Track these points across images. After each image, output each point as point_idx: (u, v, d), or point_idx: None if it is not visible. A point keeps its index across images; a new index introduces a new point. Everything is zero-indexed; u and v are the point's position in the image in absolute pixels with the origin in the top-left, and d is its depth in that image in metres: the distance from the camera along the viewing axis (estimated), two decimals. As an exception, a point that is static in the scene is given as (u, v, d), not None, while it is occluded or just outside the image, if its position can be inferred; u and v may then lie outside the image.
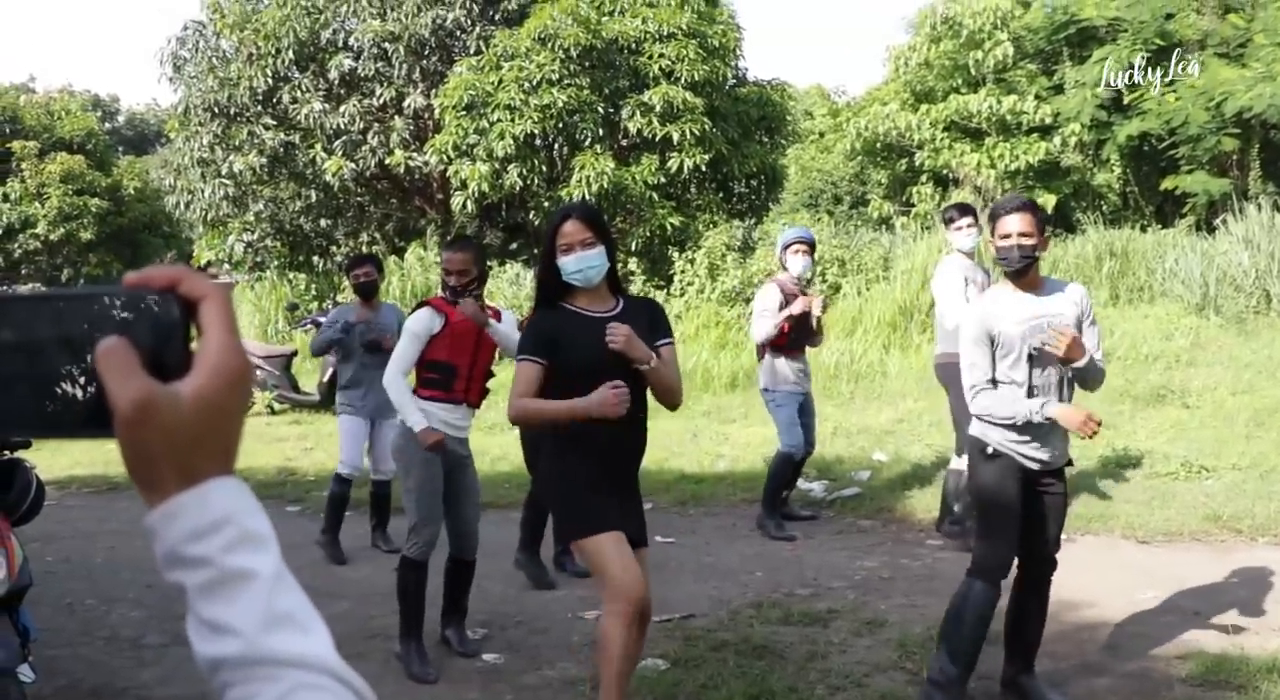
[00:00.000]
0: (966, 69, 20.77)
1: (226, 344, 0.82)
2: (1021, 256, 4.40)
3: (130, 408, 0.77)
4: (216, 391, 0.81)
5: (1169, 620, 5.57)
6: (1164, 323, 13.65)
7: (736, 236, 16.89)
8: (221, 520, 0.80)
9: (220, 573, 0.79)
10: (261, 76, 18.78)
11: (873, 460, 9.51)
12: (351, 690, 0.81)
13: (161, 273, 0.84)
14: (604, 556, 4.01)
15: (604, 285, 4.19)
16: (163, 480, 0.80)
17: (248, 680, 0.79)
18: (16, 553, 4.05)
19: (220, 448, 0.82)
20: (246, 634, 0.79)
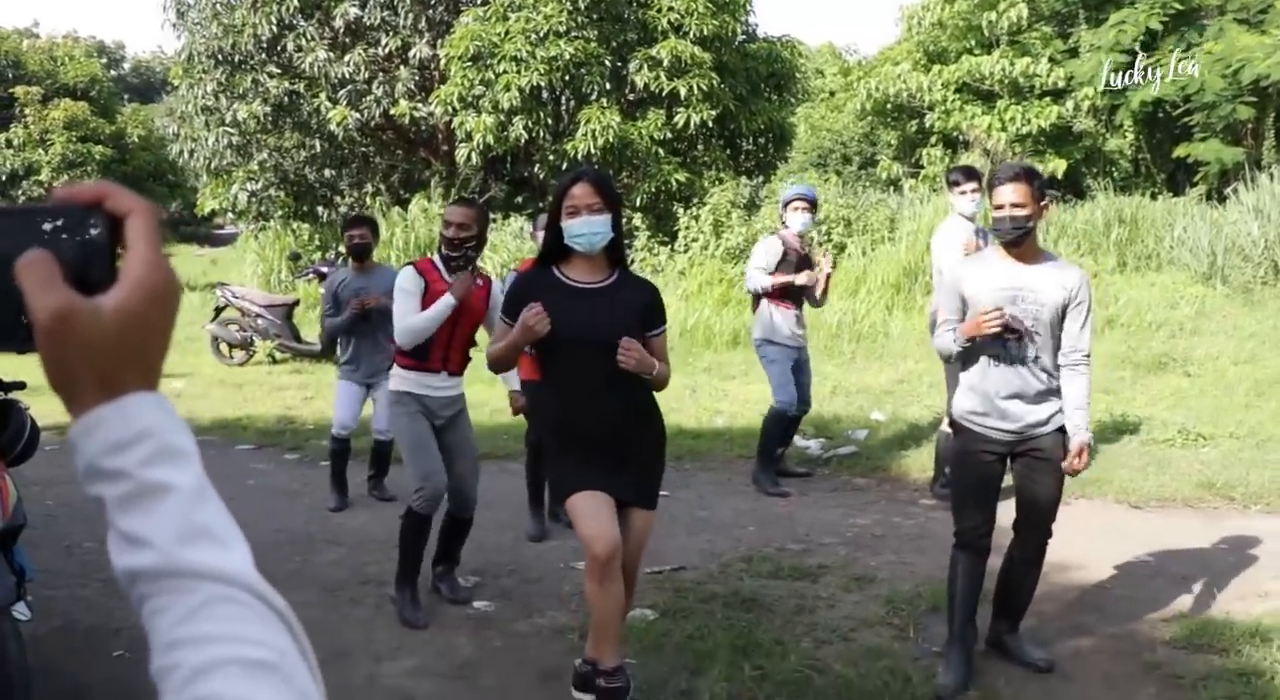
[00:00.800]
0: (980, 30, 20.60)
1: (151, 259, 0.82)
2: (1014, 227, 4.33)
3: (49, 319, 0.78)
4: (139, 305, 0.81)
5: (1157, 584, 5.58)
6: (1170, 291, 13.62)
7: (743, 194, 16.83)
8: (141, 433, 0.80)
9: (138, 485, 0.79)
10: (266, 24, 18.67)
11: (870, 419, 9.51)
12: (267, 604, 0.80)
13: (88, 188, 0.84)
14: (577, 514, 4.07)
15: (603, 255, 4.15)
16: (83, 393, 0.80)
17: (162, 592, 0.78)
18: (10, 493, 4.07)
19: (143, 362, 0.82)
20: (161, 546, 0.78)
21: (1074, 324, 4.40)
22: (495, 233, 16.59)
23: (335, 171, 21.08)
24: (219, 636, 0.77)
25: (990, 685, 4.43)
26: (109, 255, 0.82)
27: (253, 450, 9.20)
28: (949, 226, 7.13)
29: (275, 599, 0.81)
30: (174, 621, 0.78)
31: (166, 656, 0.77)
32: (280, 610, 0.81)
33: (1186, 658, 4.65)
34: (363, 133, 19.64)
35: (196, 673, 0.75)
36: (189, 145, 20.36)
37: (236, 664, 0.76)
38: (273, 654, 0.77)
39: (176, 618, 0.78)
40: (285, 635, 0.80)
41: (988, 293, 4.37)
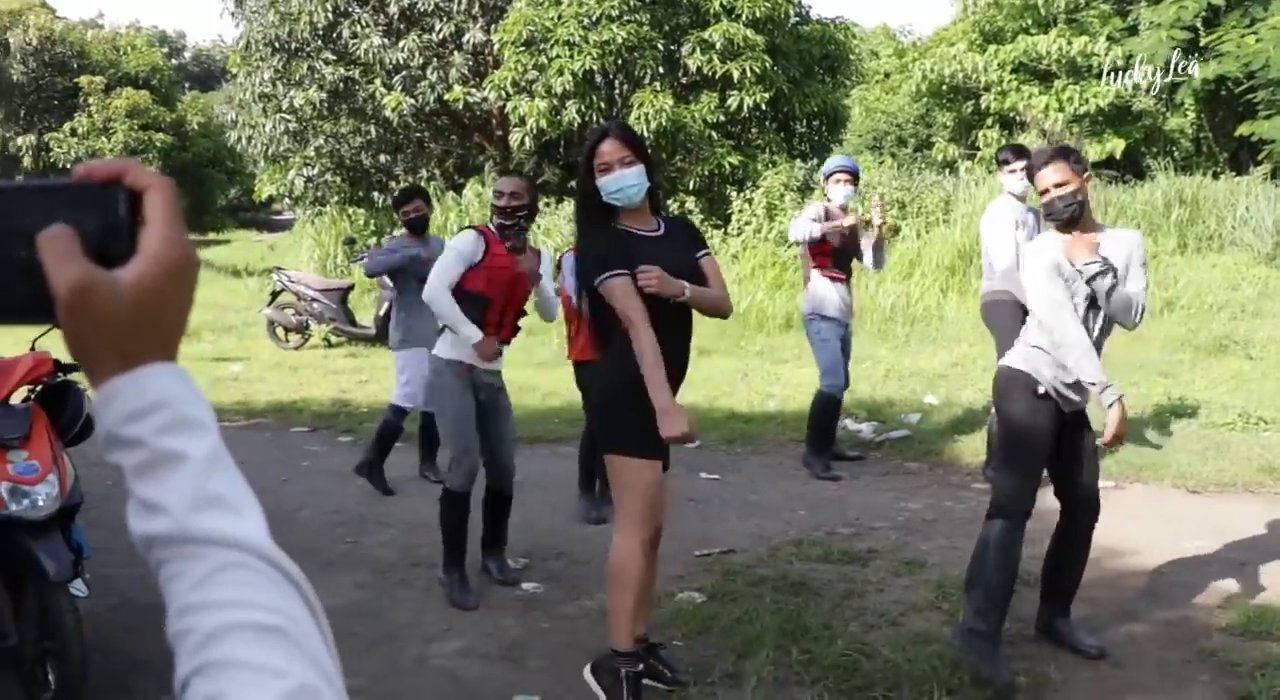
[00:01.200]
0: (1036, 9, 20.31)
1: (168, 235, 0.84)
2: (1064, 206, 4.32)
3: (68, 291, 0.80)
4: (156, 279, 0.82)
5: (1213, 570, 5.48)
6: (1231, 272, 13.37)
7: (796, 177, 16.73)
8: (157, 403, 0.82)
9: (153, 453, 0.81)
10: (322, 11, 18.82)
11: (923, 403, 9.43)
12: (280, 571, 0.82)
13: (107, 165, 0.85)
14: (638, 481, 4.01)
15: (645, 205, 4.12)
16: (102, 364, 0.82)
17: (176, 558, 0.80)
18: (69, 472, 4.16)
19: (160, 334, 0.84)
20: (176, 513, 0.80)
21: (1136, 276, 4.37)
22: (549, 217, 16.63)
23: (390, 157, 21.23)
24: (231, 602, 0.78)
25: (1041, 672, 4.38)
26: (128, 230, 0.84)
27: (308, 433, 9.30)
28: (998, 205, 7.06)
29: (288, 565, 0.83)
30: (188, 587, 0.79)
31: (181, 621, 0.79)
32: (293, 576, 0.82)
33: (1243, 645, 4.57)
34: (417, 118, 19.75)
35: (209, 637, 0.77)
36: (247, 132, 20.60)
37: (248, 628, 0.77)
38: (285, 619, 0.79)
39: (190, 583, 0.79)
40: (298, 601, 0.81)
41: (1069, 271, 4.34)
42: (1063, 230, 4.39)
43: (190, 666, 0.77)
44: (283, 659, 0.76)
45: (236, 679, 0.75)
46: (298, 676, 0.76)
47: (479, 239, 5.36)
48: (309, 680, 0.76)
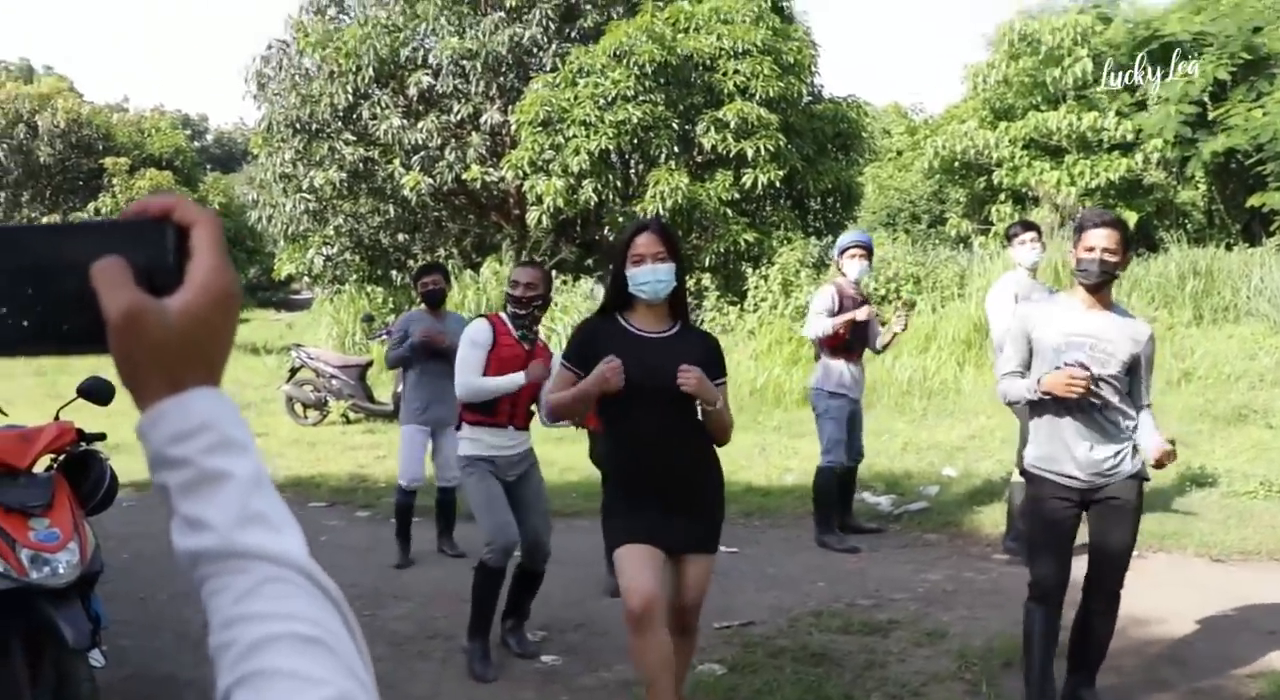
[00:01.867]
0: (1046, 86, 20.53)
1: (214, 265, 0.87)
2: (1102, 271, 4.34)
3: (120, 317, 0.83)
4: (202, 307, 0.86)
5: (1242, 638, 5.43)
6: (1248, 342, 13.35)
7: (811, 253, 16.84)
8: (202, 425, 0.86)
9: (199, 472, 0.84)
10: (342, 93, 19.13)
11: (942, 475, 9.41)
12: (317, 586, 0.85)
13: (156, 201, 0.90)
14: (620, 566, 4.09)
15: (666, 305, 4.19)
16: (150, 387, 0.86)
17: (220, 573, 0.83)
18: (90, 540, 4.18)
19: (205, 360, 0.87)
20: (220, 529, 0.83)
21: (1143, 376, 4.41)
22: (565, 294, 16.74)
23: (409, 236, 21.45)
24: (272, 614, 0.81)
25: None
26: (176, 262, 0.88)
27: (325, 508, 9.31)
28: (1003, 281, 7.13)
29: (326, 581, 0.86)
30: (231, 600, 0.82)
31: (224, 633, 0.82)
32: (330, 592, 0.86)
33: (1272, 713, 4.53)
34: (435, 198, 19.98)
35: (251, 648, 0.80)
36: (267, 212, 20.87)
37: (290, 639, 0.80)
38: (324, 631, 0.82)
39: (233, 597, 0.82)
40: (335, 615, 0.85)
41: (1055, 335, 4.37)
42: (1086, 291, 4.42)
43: (232, 678, 0.80)
44: (322, 668, 0.80)
45: (278, 687, 0.78)
46: (337, 685, 0.79)
47: (488, 327, 5.46)
48: (347, 689, 0.79)
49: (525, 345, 5.47)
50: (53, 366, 19.48)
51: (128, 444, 8.69)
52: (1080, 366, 4.26)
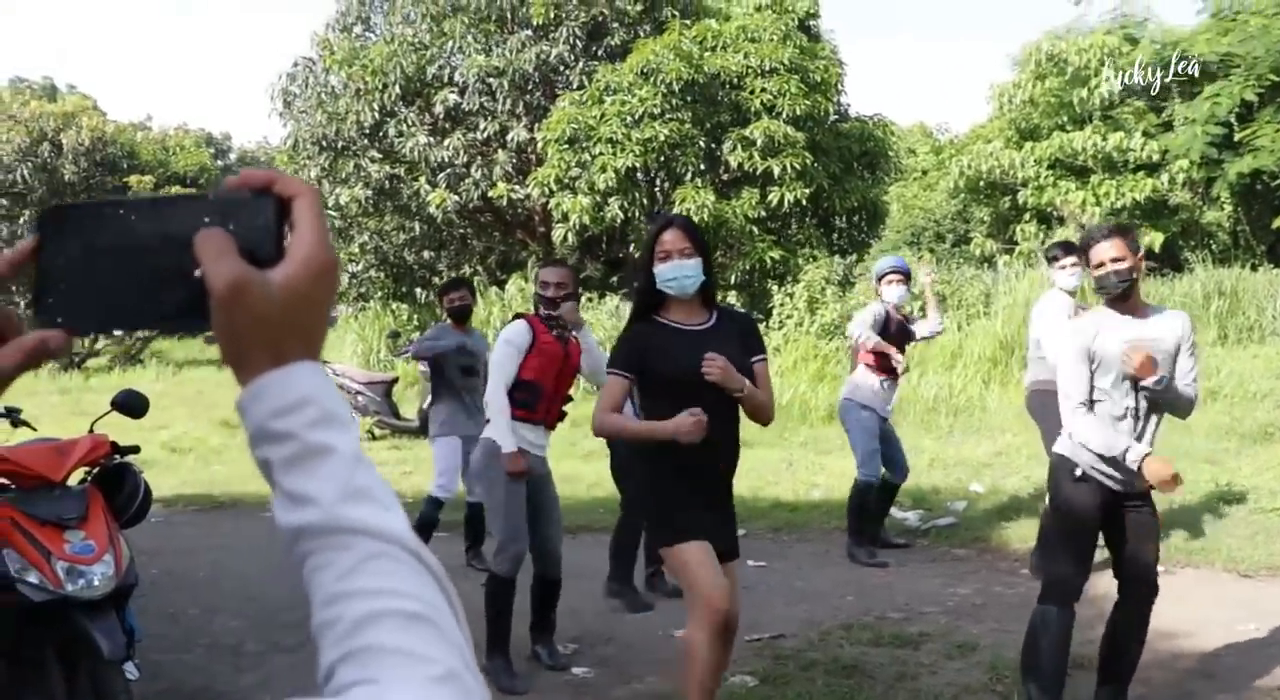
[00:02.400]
0: (1072, 106, 20.52)
1: (316, 238, 0.88)
2: (1119, 281, 4.40)
3: (225, 287, 0.83)
4: (305, 280, 0.86)
5: (1269, 652, 5.44)
6: (1274, 362, 13.33)
7: (836, 271, 16.87)
8: (306, 399, 0.85)
9: (303, 446, 0.84)
10: (368, 111, 19.27)
11: (969, 491, 9.42)
12: (422, 563, 0.85)
13: (257, 174, 0.90)
14: (691, 566, 4.04)
15: (698, 298, 4.25)
16: (252, 360, 0.85)
17: (324, 549, 0.83)
18: (124, 552, 4.20)
19: (306, 333, 0.87)
20: (325, 503, 0.83)
21: (1184, 365, 4.46)
22: (591, 311, 16.80)
23: (434, 253, 21.56)
24: (378, 590, 0.81)
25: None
26: (277, 235, 0.88)
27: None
28: (1050, 299, 7.12)
29: (430, 558, 0.86)
30: (335, 576, 0.82)
31: (328, 611, 0.81)
32: (434, 569, 0.85)
33: (1302, 726, 4.54)
34: (461, 215, 20.09)
35: (356, 625, 0.79)
36: (292, 230, 20.97)
37: (395, 616, 0.80)
38: (429, 608, 0.82)
39: (338, 573, 0.82)
40: (439, 592, 0.84)
41: (1115, 345, 4.41)
42: (1112, 305, 4.48)
43: (337, 654, 0.79)
44: (429, 646, 0.79)
45: (386, 664, 0.77)
46: (444, 662, 0.78)
47: (527, 328, 5.50)
48: (454, 667, 0.79)
49: (561, 343, 5.52)
50: (77, 385, 19.70)
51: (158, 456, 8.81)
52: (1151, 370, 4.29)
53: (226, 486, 10.94)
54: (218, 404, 16.68)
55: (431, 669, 0.78)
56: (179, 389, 19.11)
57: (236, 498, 10.42)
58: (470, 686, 0.78)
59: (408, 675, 0.77)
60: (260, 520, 9.47)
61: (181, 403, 17.00)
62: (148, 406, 4.95)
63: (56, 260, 0.89)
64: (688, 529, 4.07)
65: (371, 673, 0.77)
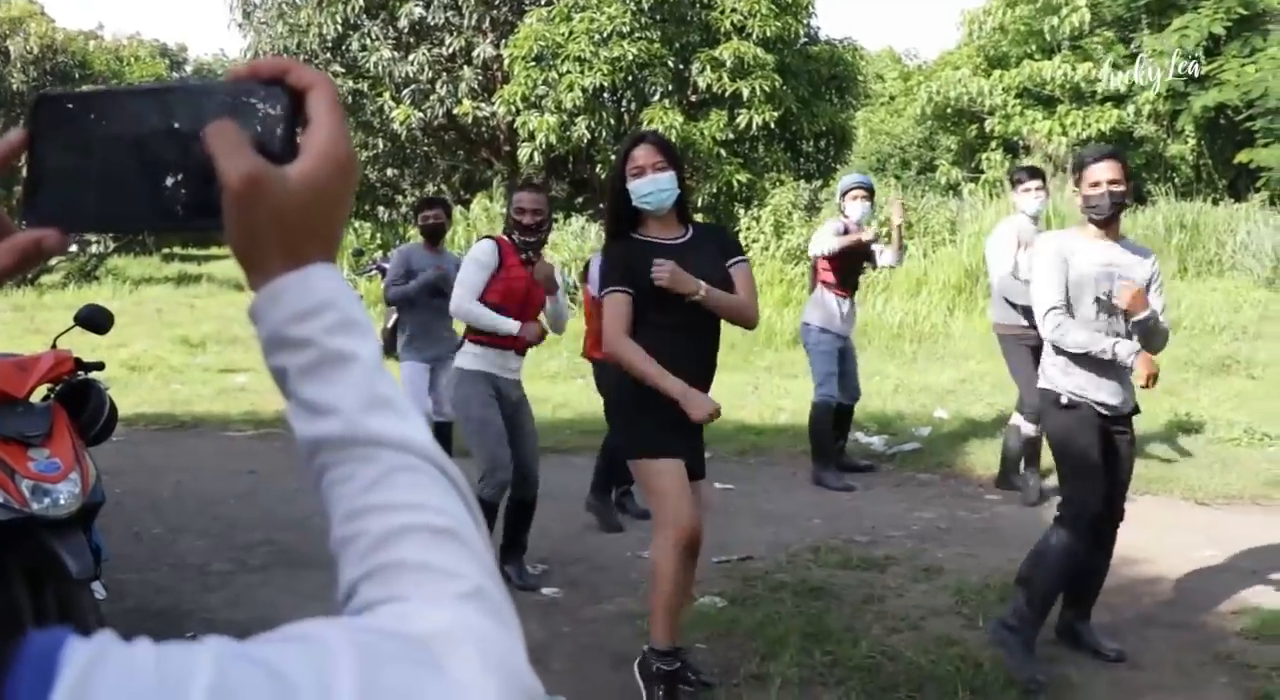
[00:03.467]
0: (1041, 35, 20.46)
1: (333, 132, 0.82)
2: (1112, 203, 4.43)
3: (239, 182, 0.77)
4: (322, 176, 0.80)
5: (1226, 578, 5.58)
6: (1232, 295, 13.51)
7: (803, 196, 16.85)
8: (325, 303, 0.80)
9: (322, 353, 0.79)
10: (331, 23, 18.92)
11: (934, 417, 9.53)
12: (446, 475, 0.81)
13: (269, 64, 0.83)
14: (662, 481, 4.06)
15: (673, 213, 4.20)
16: (268, 260, 0.80)
17: (345, 461, 0.79)
18: (90, 470, 4.14)
19: (325, 233, 0.82)
20: (346, 413, 0.79)
21: (1155, 302, 4.51)
22: (558, 232, 16.72)
23: (398, 171, 21.33)
24: (404, 504, 0.77)
25: (1062, 674, 4.46)
26: (290, 128, 0.82)
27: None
28: (1006, 225, 7.16)
29: (452, 469, 0.82)
30: (358, 490, 0.78)
31: (350, 525, 0.77)
32: (457, 480, 0.82)
33: (1259, 648, 4.67)
34: (426, 132, 19.86)
35: (381, 540, 0.76)
36: (252, 144, 20.67)
37: (422, 531, 0.76)
38: (455, 522, 0.78)
39: (361, 486, 0.78)
40: (464, 506, 0.80)
41: (1090, 268, 4.46)
42: (1098, 226, 4.51)
43: (360, 571, 0.76)
44: (457, 561, 0.76)
45: (413, 580, 0.74)
46: (473, 578, 0.75)
47: (496, 249, 5.45)
48: (481, 583, 0.75)
49: (529, 268, 5.48)
50: (30, 302, 19.41)
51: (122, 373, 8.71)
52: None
53: (188, 406, 10.86)
54: (177, 322, 16.55)
55: (460, 585, 0.74)
56: (136, 307, 18.83)
57: (199, 417, 10.36)
58: (497, 601, 0.75)
59: (436, 592, 0.74)
60: (222, 440, 9.44)
61: (140, 321, 16.79)
62: (112, 321, 4.85)
63: (50, 153, 0.83)
64: (661, 444, 4.06)
65: (398, 590, 0.74)
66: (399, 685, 0.65)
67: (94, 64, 35.14)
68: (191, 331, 15.15)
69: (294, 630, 0.67)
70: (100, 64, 35.46)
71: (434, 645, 0.68)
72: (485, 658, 0.70)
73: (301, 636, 0.66)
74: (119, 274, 24.25)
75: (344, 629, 0.68)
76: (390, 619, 0.71)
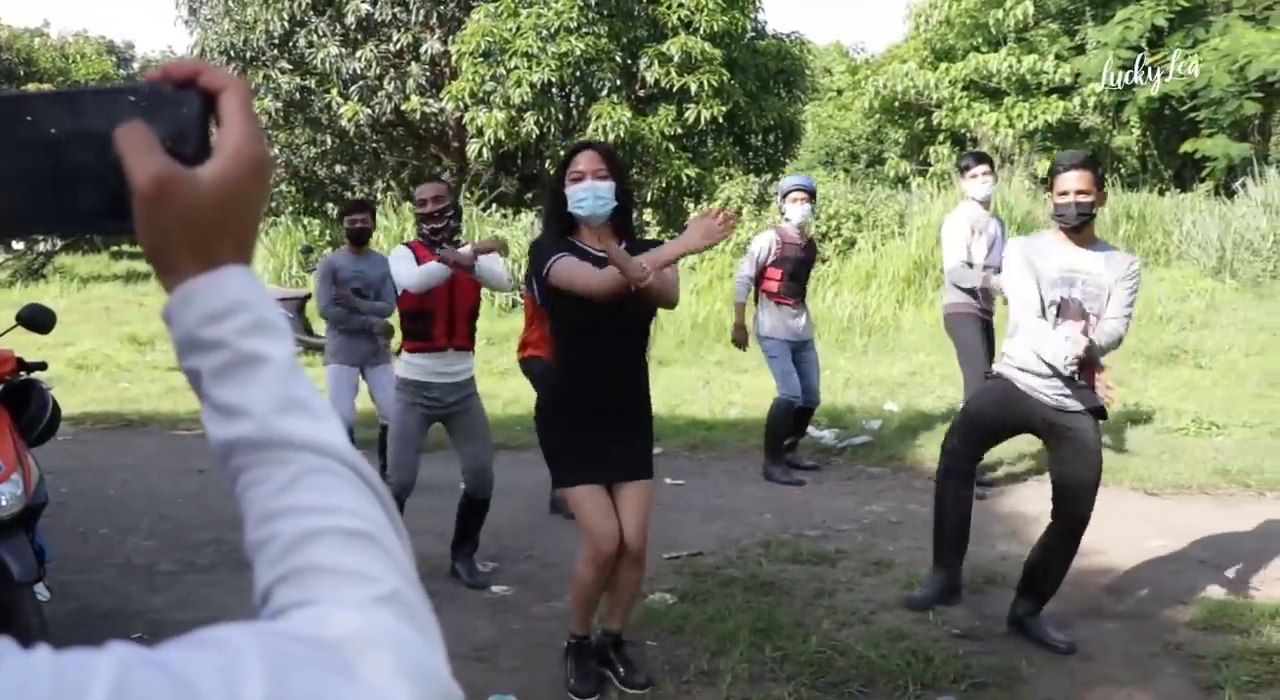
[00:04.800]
0: (987, 28, 20.61)
1: (246, 132, 0.82)
2: (1079, 213, 4.43)
3: (149, 183, 0.77)
4: (235, 177, 0.80)
5: (1175, 568, 5.60)
6: (1180, 285, 13.63)
7: (752, 190, 16.85)
8: (237, 304, 0.80)
9: (235, 355, 0.79)
10: (278, 20, 18.71)
11: (884, 410, 9.54)
12: (362, 478, 0.80)
13: (181, 66, 0.83)
14: (582, 508, 4.15)
15: (609, 225, 4.10)
16: (179, 263, 0.80)
17: (259, 463, 0.78)
18: (33, 471, 4.08)
19: (237, 235, 0.81)
20: (259, 415, 0.78)
21: (1122, 295, 4.51)
22: (506, 228, 16.64)
23: (346, 167, 21.16)
24: (317, 507, 0.76)
25: (1012, 667, 4.45)
26: (203, 130, 0.82)
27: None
28: (958, 213, 7.17)
29: (369, 472, 0.81)
30: (271, 492, 0.77)
31: (263, 528, 0.76)
32: (375, 486, 0.81)
33: (1207, 638, 4.68)
34: (374, 129, 19.69)
35: (294, 543, 0.75)
36: (199, 141, 20.44)
37: (335, 533, 0.75)
38: (371, 525, 0.77)
39: (274, 489, 0.77)
40: (380, 509, 0.79)
41: (1053, 271, 4.48)
42: (1067, 233, 4.50)
43: (274, 575, 0.74)
44: (372, 564, 0.75)
45: (326, 584, 0.73)
46: (388, 582, 0.74)
47: (409, 252, 5.40)
48: (397, 586, 0.74)
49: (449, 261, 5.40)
50: (-24, 299, 19.09)
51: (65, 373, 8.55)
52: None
53: (136, 404, 10.71)
54: (125, 320, 16.31)
55: (374, 588, 0.73)
56: (84, 305, 18.58)
57: (146, 416, 10.21)
58: (414, 605, 0.74)
59: (349, 595, 0.72)
60: (171, 439, 9.31)
61: (87, 319, 16.56)
62: (54, 321, 4.79)
63: None
64: (579, 475, 4.15)
65: (310, 594, 0.73)
66: (308, 690, 0.64)
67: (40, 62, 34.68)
68: (140, 329, 14.93)
69: (203, 636, 0.65)
70: (46, 61, 34.99)
71: (345, 649, 0.68)
72: (399, 662, 0.69)
73: (210, 642, 0.65)
74: (67, 272, 23.90)
75: (254, 634, 0.66)
76: (302, 623, 0.70)
